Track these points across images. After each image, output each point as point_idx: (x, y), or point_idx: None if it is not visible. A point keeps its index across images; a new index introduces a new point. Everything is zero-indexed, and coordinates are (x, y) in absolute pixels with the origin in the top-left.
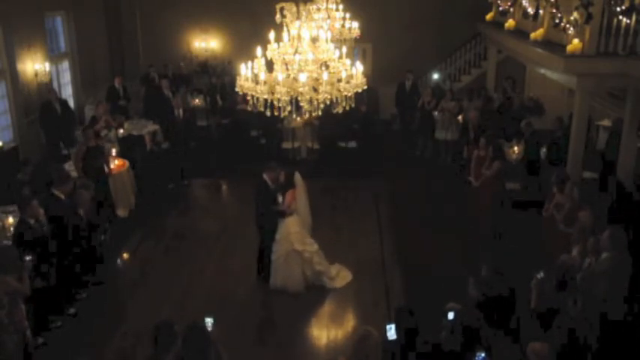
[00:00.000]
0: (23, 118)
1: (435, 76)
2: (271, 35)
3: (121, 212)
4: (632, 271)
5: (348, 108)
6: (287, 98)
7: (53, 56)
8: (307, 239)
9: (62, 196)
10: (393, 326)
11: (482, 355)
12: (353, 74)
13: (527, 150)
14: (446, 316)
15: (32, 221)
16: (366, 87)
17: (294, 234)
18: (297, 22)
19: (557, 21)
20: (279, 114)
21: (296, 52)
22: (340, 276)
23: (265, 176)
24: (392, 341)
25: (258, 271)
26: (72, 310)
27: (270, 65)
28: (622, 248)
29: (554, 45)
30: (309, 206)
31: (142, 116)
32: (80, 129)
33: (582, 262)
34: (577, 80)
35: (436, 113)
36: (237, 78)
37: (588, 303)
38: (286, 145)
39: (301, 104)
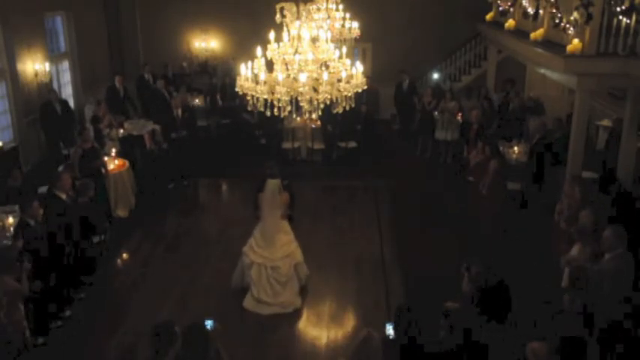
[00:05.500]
0: (23, 118)
1: (435, 76)
2: (271, 35)
3: (121, 212)
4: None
5: (348, 108)
6: (287, 98)
7: (53, 56)
8: (258, 249)
9: (63, 196)
10: (392, 326)
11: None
12: (353, 74)
13: (531, 150)
14: (444, 315)
15: (32, 222)
16: (366, 87)
17: (253, 237)
18: (297, 22)
19: (557, 21)
20: (279, 114)
21: (296, 52)
22: (266, 304)
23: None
24: (392, 341)
25: None
26: (71, 311)
27: (270, 65)
28: (624, 247)
29: (554, 45)
30: (276, 216)
31: (141, 116)
32: (79, 129)
33: (583, 261)
34: (577, 80)
35: (436, 113)
36: (237, 78)
37: (592, 303)
38: (286, 145)
39: (301, 104)
